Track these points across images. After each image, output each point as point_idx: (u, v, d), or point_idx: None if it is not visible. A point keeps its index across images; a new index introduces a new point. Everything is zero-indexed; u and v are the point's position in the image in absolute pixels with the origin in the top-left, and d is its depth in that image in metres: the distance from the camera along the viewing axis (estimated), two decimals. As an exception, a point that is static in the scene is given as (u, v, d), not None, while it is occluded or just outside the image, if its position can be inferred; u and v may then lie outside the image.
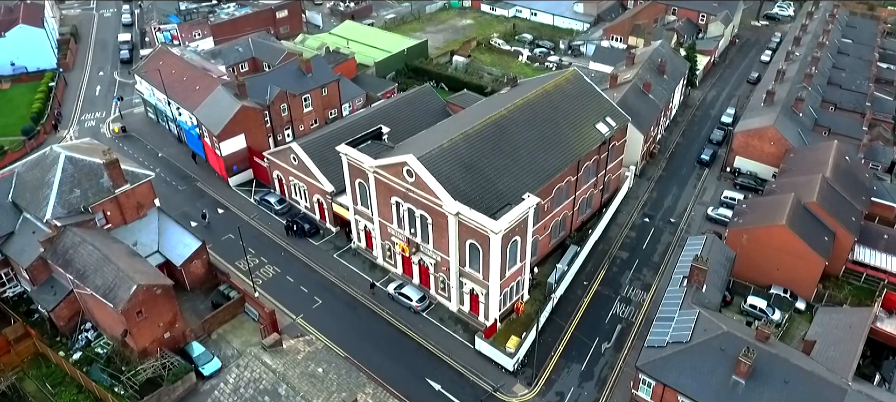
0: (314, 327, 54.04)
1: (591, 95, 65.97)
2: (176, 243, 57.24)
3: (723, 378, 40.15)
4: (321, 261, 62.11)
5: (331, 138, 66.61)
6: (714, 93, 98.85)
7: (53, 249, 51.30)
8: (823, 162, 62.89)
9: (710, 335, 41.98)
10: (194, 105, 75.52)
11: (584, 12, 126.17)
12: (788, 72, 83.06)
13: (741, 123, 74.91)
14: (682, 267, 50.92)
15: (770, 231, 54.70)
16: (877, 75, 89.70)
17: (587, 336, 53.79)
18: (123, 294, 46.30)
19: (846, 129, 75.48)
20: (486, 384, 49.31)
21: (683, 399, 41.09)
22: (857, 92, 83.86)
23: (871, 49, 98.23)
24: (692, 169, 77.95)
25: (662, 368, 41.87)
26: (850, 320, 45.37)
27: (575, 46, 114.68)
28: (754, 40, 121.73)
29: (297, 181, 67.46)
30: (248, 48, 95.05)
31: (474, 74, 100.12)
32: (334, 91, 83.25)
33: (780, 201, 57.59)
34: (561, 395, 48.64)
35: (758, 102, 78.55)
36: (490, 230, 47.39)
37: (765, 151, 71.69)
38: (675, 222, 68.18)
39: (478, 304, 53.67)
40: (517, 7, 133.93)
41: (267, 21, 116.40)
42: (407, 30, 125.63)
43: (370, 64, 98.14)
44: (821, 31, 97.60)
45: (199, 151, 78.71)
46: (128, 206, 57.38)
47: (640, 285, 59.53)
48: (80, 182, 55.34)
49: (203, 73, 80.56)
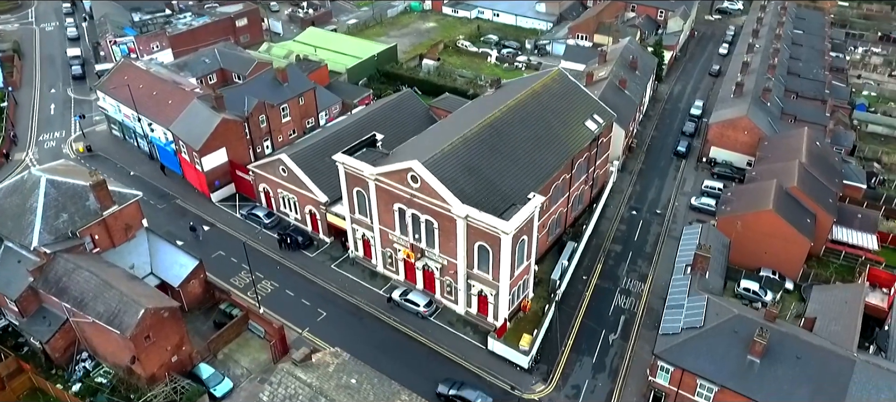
0: (322, 340, 53.87)
1: (576, 94, 68.21)
2: (170, 263, 55.94)
3: (738, 359, 42.60)
4: (319, 273, 61.87)
5: (320, 148, 66.45)
6: (679, 86, 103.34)
7: (44, 277, 49.44)
8: (797, 148, 67.06)
9: (722, 319, 44.42)
10: (169, 120, 73.75)
11: (546, 12, 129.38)
12: (753, 63, 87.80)
13: (714, 115, 78.84)
14: (683, 256, 53.45)
15: (758, 217, 58.02)
16: (831, 64, 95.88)
17: (594, 329, 55.71)
18: (130, 320, 45.12)
19: (810, 116, 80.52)
20: (502, 383, 50.41)
21: (702, 382, 43.32)
22: (815, 80, 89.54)
23: (822, 39, 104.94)
24: (670, 161, 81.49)
25: (679, 353, 44.02)
26: (844, 297, 48.88)
27: (541, 46, 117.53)
28: (710, 34, 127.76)
29: (287, 193, 66.90)
30: (214, 59, 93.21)
31: (447, 77, 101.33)
32: (311, 100, 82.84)
33: (763, 187, 61.14)
34: (577, 388, 50.28)
35: (727, 93, 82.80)
36: (501, 231, 48.56)
37: (739, 141, 75.73)
38: (660, 213, 71.20)
39: (486, 305, 54.76)
40: (479, 8, 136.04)
41: (226, 30, 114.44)
42: (370, 34, 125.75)
43: (342, 71, 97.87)
44: (776, 24, 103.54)
45: (174, 167, 76.91)
46: (116, 228, 55.75)
47: (637, 277, 61.99)
48: (65, 206, 53.46)
49: (174, 86, 78.68)
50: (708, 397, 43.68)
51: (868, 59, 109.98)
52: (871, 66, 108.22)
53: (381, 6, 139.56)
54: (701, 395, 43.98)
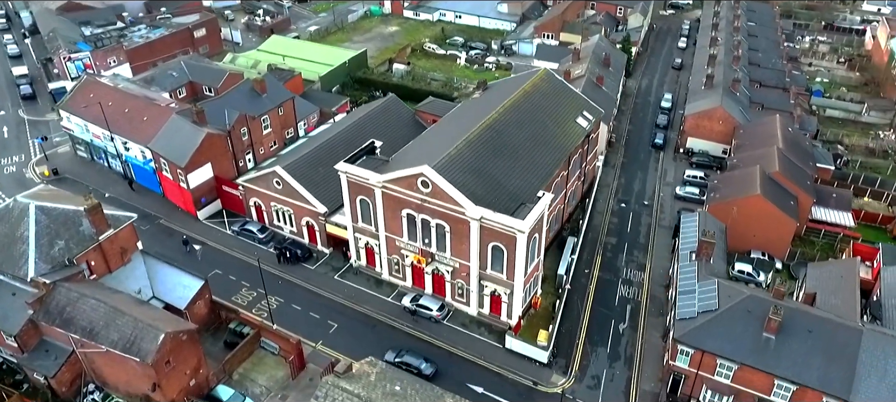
0: (338, 352, 53.87)
1: (565, 92, 70.50)
2: (174, 284, 54.68)
3: (754, 337, 45.42)
4: (323, 284, 61.73)
5: (314, 158, 66.27)
6: (646, 81, 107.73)
7: (44, 309, 47.63)
8: (773, 135, 71.46)
9: (735, 301, 47.22)
10: (147, 138, 71.81)
11: (508, 12, 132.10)
12: (718, 56, 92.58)
13: (689, 106, 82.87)
14: (686, 243, 56.22)
15: (747, 201, 61.63)
16: (788, 53, 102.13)
17: (602, 320, 57.89)
18: (150, 346, 44.10)
19: (775, 103, 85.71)
20: (524, 379, 51.83)
21: (722, 361, 45.95)
22: (775, 70, 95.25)
23: (775, 30, 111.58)
24: (649, 153, 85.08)
25: (698, 336, 46.53)
26: (839, 272, 52.70)
27: (507, 46, 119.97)
28: (666, 29, 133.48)
29: (281, 206, 66.34)
30: (182, 72, 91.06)
31: (422, 81, 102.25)
32: (290, 109, 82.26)
33: (748, 173, 64.94)
34: (596, 378, 52.24)
35: (698, 85, 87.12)
36: (517, 230, 49.98)
37: (714, 130, 79.92)
38: (648, 204, 74.38)
39: (500, 304, 56.05)
40: (441, 11, 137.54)
41: (185, 42, 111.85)
42: (333, 41, 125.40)
43: (315, 79, 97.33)
44: (732, 17, 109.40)
45: (153, 186, 74.92)
46: (112, 252, 54.14)
47: (636, 266, 64.70)
48: (58, 233, 51.62)
49: (148, 102, 76.62)
50: (727, 375, 46.36)
51: (816, 48, 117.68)
52: (819, 54, 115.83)
53: (340, 11, 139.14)
54: (720, 374, 46.61)
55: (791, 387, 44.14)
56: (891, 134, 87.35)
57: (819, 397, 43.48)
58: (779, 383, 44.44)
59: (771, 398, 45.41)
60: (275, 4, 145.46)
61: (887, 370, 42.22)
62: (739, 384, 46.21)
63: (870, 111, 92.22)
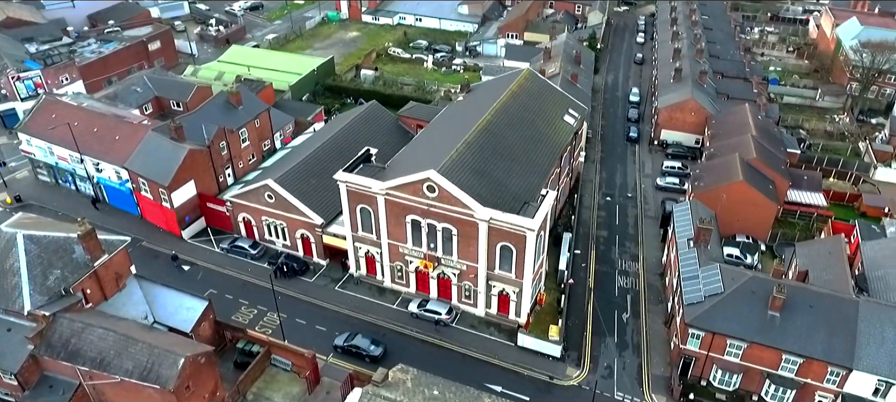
0: (352, 364, 53.87)
1: (549, 91, 72.64)
2: (176, 307, 53.46)
3: (760, 315, 48.39)
4: (324, 297, 61.56)
5: (304, 170, 65.98)
6: (611, 76, 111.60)
7: (46, 343, 45.88)
8: (745, 123, 75.72)
9: (738, 283, 50.13)
10: (121, 157, 69.74)
11: (469, 13, 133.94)
12: (682, 49, 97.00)
13: (662, 99, 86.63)
14: (682, 231, 59.04)
15: (730, 188, 65.17)
16: (744, 45, 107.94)
17: (606, 311, 60.10)
18: (169, 371, 43.17)
19: (739, 93, 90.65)
20: (540, 375, 53.36)
21: (732, 341, 48.73)
22: (734, 61, 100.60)
23: (728, 23, 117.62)
24: (624, 147, 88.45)
25: (708, 319, 49.18)
26: (827, 249, 56.63)
27: (471, 48, 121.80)
28: (623, 25, 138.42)
29: (274, 220, 65.69)
30: (146, 87, 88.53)
31: (393, 86, 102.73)
32: (266, 121, 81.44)
33: (728, 161, 68.66)
34: (609, 368, 54.30)
35: (667, 79, 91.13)
36: (527, 229, 51.46)
37: (687, 122, 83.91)
38: (632, 197, 77.43)
39: (508, 304, 57.39)
40: (400, 14, 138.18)
41: (139, 55, 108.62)
42: (293, 48, 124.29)
43: (285, 88, 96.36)
44: (688, 11, 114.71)
45: (128, 208, 72.71)
46: (107, 279, 52.52)
47: (629, 257, 67.37)
48: (51, 262, 49.77)
49: (118, 120, 74.32)
50: (737, 354, 49.21)
51: (765, 38, 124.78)
52: (769, 44, 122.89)
53: (296, 18, 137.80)
54: (730, 354, 49.43)
55: (798, 360, 47.32)
56: (845, 117, 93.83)
57: (824, 367, 46.79)
58: (786, 357, 47.55)
59: (779, 372, 48.47)
60: (226, 13, 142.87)
61: (884, 337, 45.86)
62: (748, 361, 49.15)
63: (823, 97, 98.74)
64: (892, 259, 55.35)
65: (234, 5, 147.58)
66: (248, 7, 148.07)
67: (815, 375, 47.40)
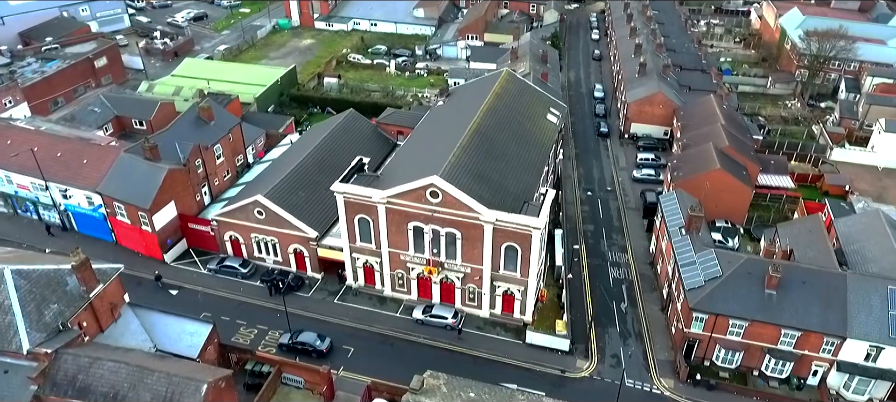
0: (363, 375, 54.20)
1: (530, 91, 74.90)
2: (178, 333, 52.40)
3: (759, 295, 51.85)
4: (325, 311, 61.51)
5: (292, 183, 65.69)
6: (573, 73, 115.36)
7: (51, 382, 44.27)
8: (713, 113, 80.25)
9: (735, 266, 53.52)
10: (92, 182, 67.51)
11: (425, 16, 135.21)
12: (643, 44, 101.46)
13: (630, 94, 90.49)
14: (672, 220, 62.18)
15: (709, 176, 69.06)
16: (698, 38, 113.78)
17: (604, 303, 62.65)
18: (192, 400, 42.51)
19: (699, 84, 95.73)
20: (551, 370, 55.26)
21: (734, 321, 52.01)
22: (690, 53, 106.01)
23: (678, 17, 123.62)
24: (596, 142, 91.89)
25: (710, 302, 52.30)
26: (807, 228, 61.08)
27: (431, 51, 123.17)
28: (576, 22, 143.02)
29: (264, 236, 65.06)
30: (104, 106, 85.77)
31: (360, 93, 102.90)
32: (238, 136, 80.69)
33: (703, 150, 72.70)
34: (616, 357, 56.78)
35: (631, 74, 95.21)
36: (533, 228, 53.26)
37: (655, 114, 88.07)
38: (611, 190, 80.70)
39: (512, 303, 59.04)
40: (354, 20, 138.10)
41: (86, 73, 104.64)
42: (248, 58, 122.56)
43: (251, 100, 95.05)
44: (641, 7, 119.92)
45: (102, 234, 70.27)
46: (102, 309, 51.06)
47: (618, 249, 70.36)
48: (45, 296, 47.96)
49: (83, 143, 71.81)
50: (739, 333, 52.57)
51: (712, 30, 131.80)
52: (716, 35, 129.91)
53: (246, 27, 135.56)
54: (733, 333, 52.74)
55: (796, 334, 51.03)
56: (796, 103, 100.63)
57: (820, 338, 50.69)
58: (785, 332, 51.19)
59: (778, 346, 52.10)
60: (170, 25, 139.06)
61: (872, 305, 50.11)
62: (749, 339, 52.60)
63: (774, 84, 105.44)
64: (864, 233, 60.20)
65: (176, 17, 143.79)
66: (192, 17, 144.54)
67: (812, 346, 51.25)
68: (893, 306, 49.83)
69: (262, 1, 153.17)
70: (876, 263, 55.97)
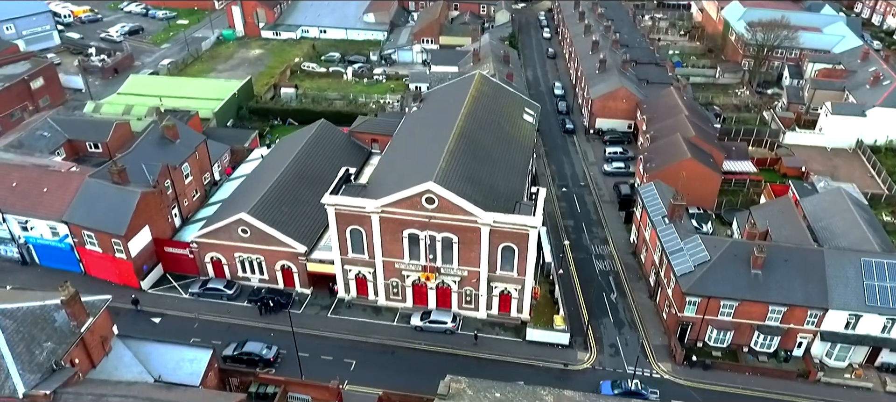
0: (368, 387, 54.62)
1: (504, 93, 76.92)
2: (177, 362, 51.22)
3: (746, 275, 55.46)
4: (320, 326, 61.45)
5: (274, 199, 65.07)
6: (530, 72, 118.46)
7: (54, 424, 42.71)
8: (676, 105, 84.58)
9: (721, 250, 57.01)
10: (57, 211, 65.02)
11: (376, 21, 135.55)
12: (600, 41, 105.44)
13: (593, 90, 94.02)
14: (654, 210, 65.32)
15: (681, 165, 72.87)
16: (648, 32, 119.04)
17: (594, 295, 65.24)
18: (212, 427, 42.06)
19: (656, 77, 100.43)
20: (554, 364, 57.32)
21: (725, 302, 55.48)
22: (643, 48, 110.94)
23: (625, 13, 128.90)
24: (563, 139, 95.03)
25: (702, 285, 55.55)
26: (779, 208, 65.56)
27: (386, 56, 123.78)
28: (525, 21, 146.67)
29: (249, 255, 64.29)
30: (54, 130, 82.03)
31: (322, 103, 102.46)
32: (204, 153, 79.36)
33: (672, 141, 76.62)
34: (614, 347, 59.38)
35: (592, 70, 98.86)
36: (529, 227, 55.13)
37: (619, 109, 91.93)
38: (584, 185, 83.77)
39: (509, 302, 60.73)
40: (303, 27, 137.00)
41: (21, 96, 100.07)
42: (195, 72, 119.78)
43: (209, 116, 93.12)
44: (591, 5, 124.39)
45: (69, 266, 67.59)
46: (93, 344, 49.50)
47: (600, 241, 73.30)
48: (34, 336, 46.22)
49: (40, 171, 68.96)
50: (729, 313, 56.08)
51: (657, 24, 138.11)
52: (662, 29, 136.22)
53: (192, 40, 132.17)
54: (723, 313, 56.20)
55: (782, 309, 54.94)
56: (745, 91, 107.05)
57: (804, 311, 54.78)
58: (772, 308, 55.01)
59: (766, 322, 55.89)
60: (104, 41, 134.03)
61: (848, 277, 54.54)
62: (739, 318, 56.21)
63: (723, 74, 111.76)
64: (828, 211, 65.16)
65: (110, 31, 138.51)
66: (127, 32, 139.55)
67: (797, 320, 55.29)
68: (867, 276, 54.40)
69: (200, 11, 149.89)
70: (844, 237, 60.73)
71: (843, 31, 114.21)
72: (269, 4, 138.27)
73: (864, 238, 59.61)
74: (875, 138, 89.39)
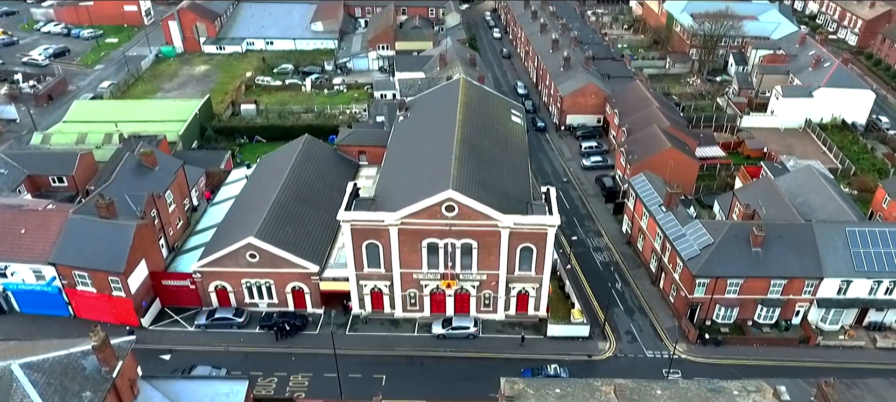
0: (407, 400, 55.69)
1: (490, 96, 79.47)
2: (211, 397, 50.47)
3: (747, 254, 60.45)
4: (339, 344, 61.50)
5: (278, 220, 64.69)
6: (489, 72, 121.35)
7: (107, 475, 41.66)
8: (645, 97, 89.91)
9: (721, 232, 61.84)
10: (38, 254, 62.20)
11: (325, 30, 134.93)
12: (560, 40, 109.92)
13: (562, 87, 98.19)
14: (649, 199, 69.61)
15: (663, 155, 77.91)
16: (600, 29, 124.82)
17: (601, 286, 68.83)
18: (279, 456, 42.21)
19: (615, 71, 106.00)
20: (578, 356, 60.42)
21: (731, 280, 60.27)
22: (598, 44, 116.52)
23: (574, 10, 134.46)
24: (536, 137, 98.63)
25: (710, 267, 60.11)
26: (761, 189, 71.34)
27: (341, 65, 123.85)
28: (472, 22, 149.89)
29: (257, 280, 63.72)
30: (11, 167, 77.78)
31: (290, 116, 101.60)
32: (182, 179, 77.72)
33: (650, 133, 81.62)
34: (631, 334, 63.13)
35: (556, 68, 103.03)
36: (548, 226, 57.92)
37: (589, 104, 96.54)
38: (567, 181, 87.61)
39: (526, 301, 63.29)
40: (247, 40, 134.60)
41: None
42: (139, 93, 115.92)
43: (175, 139, 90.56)
44: (541, 4, 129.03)
45: (56, 310, 64.69)
46: (123, 388, 48.37)
47: (594, 234, 77.16)
48: (66, 386, 44.79)
49: (15, 212, 65.49)
50: (735, 290, 60.96)
51: (601, 20, 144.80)
52: (606, 24, 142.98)
53: (130, 59, 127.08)
54: (730, 291, 61.02)
55: (782, 282, 60.33)
56: (696, 79, 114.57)
57: (802, 282, 60.38)
58: (773, 282, 60.29)
59: (768, 296, 61.14)
60: (27, 65, 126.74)
61: (837, 247, 60.58)
62: (744, 294, 61.18)
63: (673, 65, 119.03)
64: (802, 187, 71.68)
65: (32, 54, 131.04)
66: (52, 54, 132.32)
67: (796, 290, 60.85)
68: (853, 244, 60.63)
69: (129, 28, 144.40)
70: (822, 211, 67.13)
71: (777, 18, 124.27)
72: (209, 17, 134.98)
73: (841, 210, 66.17)
74: (821, 117, 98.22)
